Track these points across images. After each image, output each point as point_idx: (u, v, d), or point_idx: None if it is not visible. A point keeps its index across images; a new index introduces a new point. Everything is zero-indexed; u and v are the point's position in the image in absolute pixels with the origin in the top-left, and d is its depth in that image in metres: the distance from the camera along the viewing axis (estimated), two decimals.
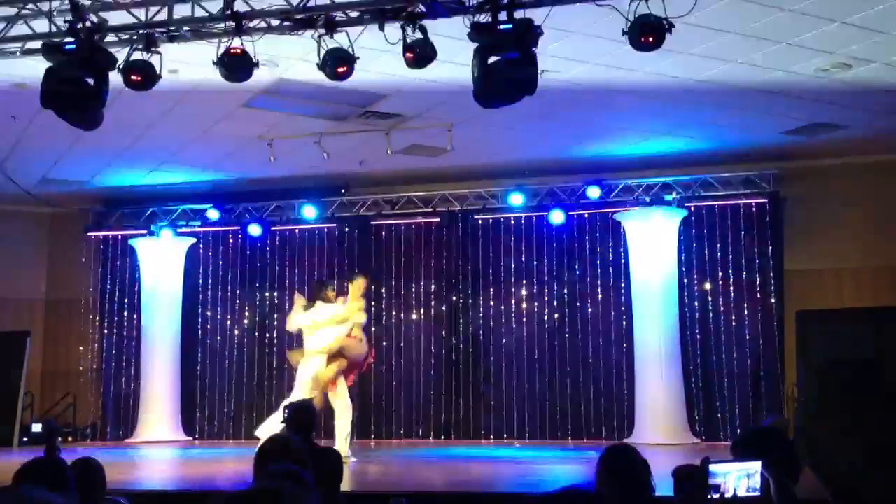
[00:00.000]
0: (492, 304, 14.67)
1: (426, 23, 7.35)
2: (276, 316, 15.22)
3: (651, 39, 7.05)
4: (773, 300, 13.45)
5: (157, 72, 7.78)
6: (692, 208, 13.67)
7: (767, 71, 9.94)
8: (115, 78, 7.71)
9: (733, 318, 13.64)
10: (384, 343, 14.85)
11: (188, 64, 8.93)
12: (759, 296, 13.56)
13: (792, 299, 13.11)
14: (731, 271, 13.73)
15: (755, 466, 3.37)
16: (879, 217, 13.29)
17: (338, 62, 7.55)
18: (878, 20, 8.66)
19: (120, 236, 15.55)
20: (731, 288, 13.70)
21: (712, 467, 3.35)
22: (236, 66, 7.58)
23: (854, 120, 11.69)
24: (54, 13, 7.67)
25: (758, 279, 13.58)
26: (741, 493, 3.35)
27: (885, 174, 13.22)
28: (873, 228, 13.30)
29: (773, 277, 13.49)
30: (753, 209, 13.62)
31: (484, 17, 7.09)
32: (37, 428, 13.89)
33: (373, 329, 14.64)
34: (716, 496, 3.33)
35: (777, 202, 13.49)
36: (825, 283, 13.26)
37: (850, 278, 13.27)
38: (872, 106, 11.12)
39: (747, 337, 13.53)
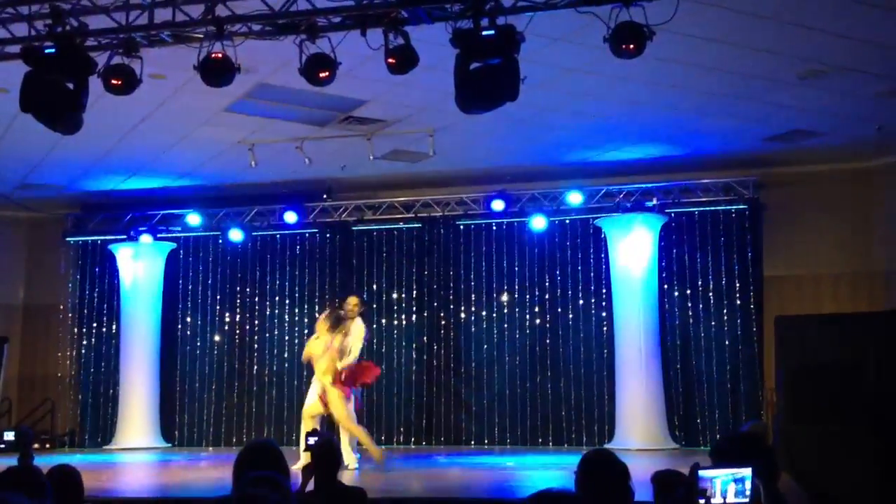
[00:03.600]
0: (473, 309, 14.67)
1: (408, 28, 7.36)
2: (256, 322, 15.19)
3: (632, 46, 7.07)
4: (752, 306, 13.53)
5: (138, 76, 7.76)
6: (672, 214, 13.73)
7: (746, 78, 10.01)
8: (95, 82, 7.68)
9: (713, 323, 13.69)
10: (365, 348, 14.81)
11: (169, 68, 8.90)
12: (738, 301, 13.62)
13: (771, 305, 13.18)
14: (710, 277, 13.78)
15: (744, 472, 3.36)
16: (858, 224, 13.39)
17: (319, 67, 7.55)
18: (856, 28, 8.74)
19: (99, 242, 15.45)
20: (711, 294, 13.76)
21: (700, 472, 3.34)
22: (217, 71, 7.56)
23: (832, 127, 11.78)
24: (34, 17, 7.63)
25: (737, 285, 13.64)
26: (730, 499, 3.33)
27: (863, 181, 13.34)
28: (852, 235, 13.40)
29: (753, 283, 13.56)
30: (733, 215, 13.69)
31: (466, 24, 7.10)
32: (9, 436, 13.67)
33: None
34: (702, 502, 3.32)
35: (756, 208, 13.56)
36: (804, 289, 13.35)
37: (829, 284, 13.37)
38: (850, 113, 11.21)
39: (727, 342, 13.59)
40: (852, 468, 7.37)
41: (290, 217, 14.37)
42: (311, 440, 6.05)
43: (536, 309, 14.45)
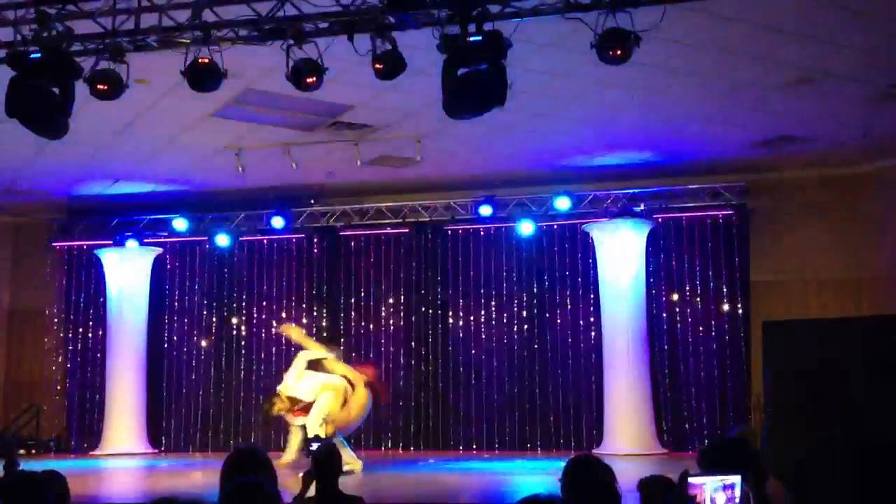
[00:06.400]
0: (461, 314, 14.67)
1: (395, 34, 7.36)
2: (243, 327, 15.15)
3: (619, 52, 7.09)
4: (739, 311, 13.57)
5: (124, 81, 7.73)
6: (660, 220, 13.77)
7: (733, 83, 10.04)
8: (81, 87, 7.65)
9: (700, 328, 13.74)
10: (353, 354, 14.79)
11: (155, 73, 8.87)
12: (725, 306, 13.68)
13: (758, 310, 13.23)
14: (698, 282, 13.84)
15: (733, 479, 3.36)
16: (844, 229, 13.44)
17: (306, 73, 7.54)
18: (842, 34, 8.78)
19: (85, 247, 15.38)
20: (699, 299, 13.81)
21: (689, 479, 3.35)
22: (204, 76, 7.55)
23: (819, 133, 11.83)
24: (20, 22, 7.59)
25: (724, 290, 13.70)
26: None
27: (848, 186, 13.39)
28: (838, 240, 13.45)
29: (740, 288, 13.62)
30: (720, 220, 13.75)
31: (453, 29, 7.10)
32: None
33: (342, 339, 14.67)
34: None
35: (743, 214, 13.62)
36: (790, 294, 13.39)
37: (815, 289, 13.41)
38: (836, 119, 11.26)
39: (714, 347, 13.64)
40: (837, 471, 7.39)
41: (278, 222, 14.34)
42: (314, 446, 5.98)
43: (524, 314, 14.46)
